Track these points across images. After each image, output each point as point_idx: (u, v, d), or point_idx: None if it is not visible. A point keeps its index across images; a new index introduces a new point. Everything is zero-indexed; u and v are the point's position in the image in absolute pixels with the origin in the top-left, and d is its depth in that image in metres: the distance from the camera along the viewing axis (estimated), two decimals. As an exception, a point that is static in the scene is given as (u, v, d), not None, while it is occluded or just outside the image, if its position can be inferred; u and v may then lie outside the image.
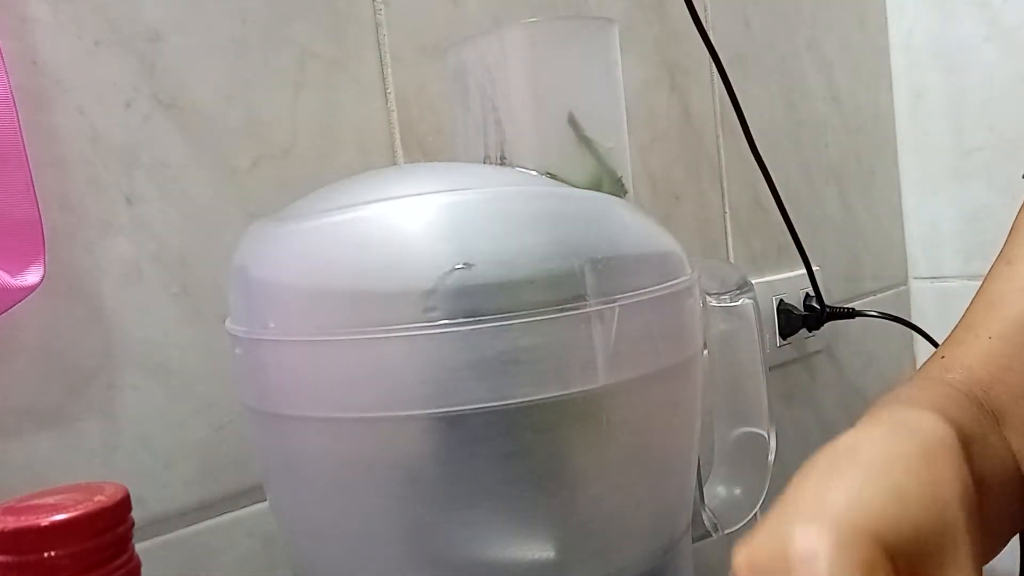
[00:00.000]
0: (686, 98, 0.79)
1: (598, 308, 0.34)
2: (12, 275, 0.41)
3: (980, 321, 0.47)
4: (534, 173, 0.41)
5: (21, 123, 0.41)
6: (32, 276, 0.42)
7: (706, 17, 0.79)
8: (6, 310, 0.41)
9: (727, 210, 0.85)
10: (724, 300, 0.48)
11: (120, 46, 0.46)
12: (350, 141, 0.55)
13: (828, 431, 0.97)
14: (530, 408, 0.34)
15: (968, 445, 0.34)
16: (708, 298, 0.47)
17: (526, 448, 0.35)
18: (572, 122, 0.42)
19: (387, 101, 0.57)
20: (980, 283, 0.49)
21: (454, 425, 0.34)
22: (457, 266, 0.33)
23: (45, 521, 0.30)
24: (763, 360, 0.49)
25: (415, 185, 0.37)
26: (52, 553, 0.30)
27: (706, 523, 0.48)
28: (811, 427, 0.95)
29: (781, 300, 0.89)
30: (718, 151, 0.84)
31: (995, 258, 0.49)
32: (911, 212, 1.11)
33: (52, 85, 0.44)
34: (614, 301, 0.35)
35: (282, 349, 0.36)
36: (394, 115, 0.57)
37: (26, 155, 0.41)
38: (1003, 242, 0.50)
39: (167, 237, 0.48)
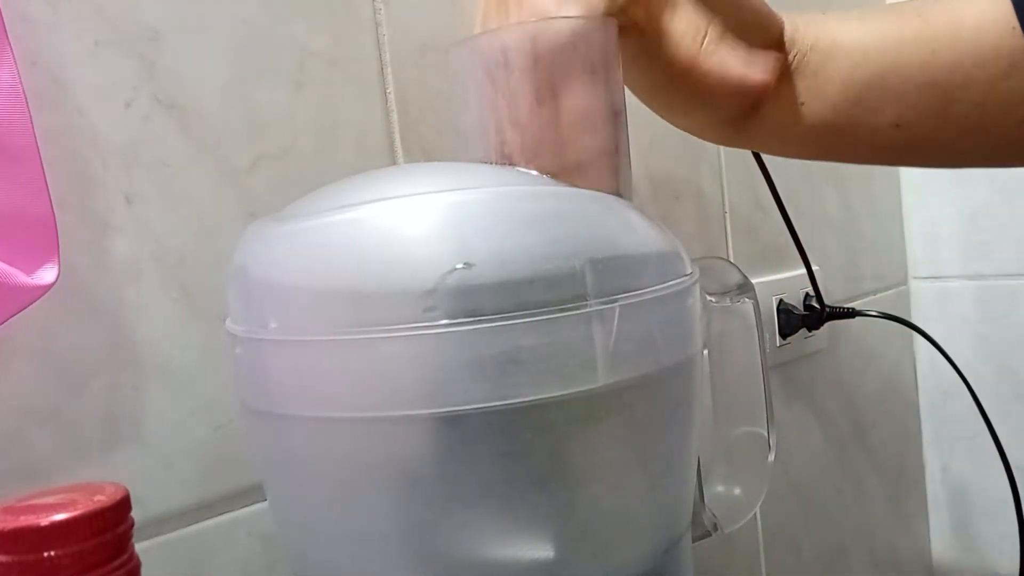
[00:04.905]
0: (686, 98, 0.79)
1: (598, 308, 0.34)
2: (28, 273, 0.40)
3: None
4: (534, 173, 0.41)
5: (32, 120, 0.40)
6: (48, 275, 0.41)
7: (706, 17, 0.79)
8: (23, 309, 0.40)
9: (727, 210, 0.85)
10: (724, 300, 0.48)
11: (120, 46, 0.46)
12: (350, 141, 0.55)
13: (828, 431, 0.97)
14: (530, 408, 0.34)
15: None
16: (708, 298, 0.47)
17: (526, 448, 0.35)
18: (572, 122, 0.42)
19: (387, 101, 0.57)
20: (980, 283, 0.48)
21: (454, 425, 0.34)
22: (457, 266, 0.33)
23: (45, 521, 0.30)
24: (763, 360, 0.49)
25: (415, 185, 0.37)
26: (52, 553, 0.30)
27: (706, 523, 0.48)
28: (811, 427, 0.95)
29: (781, 300, 0.89)
30: (718, 151, 0.84)
31: (992, 257, 0.49)
32: (911, 212, 1.11)
33: (52, 85, 0.44)
34: (614, 301, 0.35)
35: (282, 349, 0.36)
36: (394, 115, 0.57)
37: (39, 151, 0.41)
38: (1002, 242, 0.50)
39: (167, 237, 0.48)
